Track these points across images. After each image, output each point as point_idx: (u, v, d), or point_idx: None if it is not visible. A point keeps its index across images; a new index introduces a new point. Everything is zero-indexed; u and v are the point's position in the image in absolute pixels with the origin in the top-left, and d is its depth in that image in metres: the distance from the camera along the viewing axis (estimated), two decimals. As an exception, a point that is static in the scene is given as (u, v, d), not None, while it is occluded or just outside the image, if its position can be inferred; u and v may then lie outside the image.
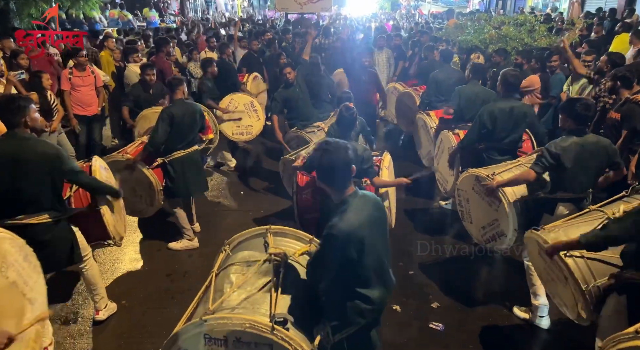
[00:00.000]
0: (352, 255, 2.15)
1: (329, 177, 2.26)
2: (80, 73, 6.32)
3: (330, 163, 2.19)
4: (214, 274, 2.62)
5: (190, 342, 2.16)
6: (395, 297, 3.98)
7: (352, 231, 2.14)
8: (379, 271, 2.33)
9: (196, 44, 10.35)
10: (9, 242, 2.61)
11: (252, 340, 2.11)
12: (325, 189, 2.33)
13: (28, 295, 2.62)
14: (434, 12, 23.20)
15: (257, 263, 2.49)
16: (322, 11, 14.98)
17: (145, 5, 19.02)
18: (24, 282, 2.62)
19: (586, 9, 14.29)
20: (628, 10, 12.10)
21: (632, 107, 4.23)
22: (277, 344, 2.09)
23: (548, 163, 3.39)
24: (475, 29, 8.87)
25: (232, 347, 2.14)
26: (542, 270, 3.12)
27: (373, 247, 2.24)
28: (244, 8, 29.87)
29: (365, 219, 2.21)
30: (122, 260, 4.72)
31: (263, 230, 2.78)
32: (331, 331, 2.29)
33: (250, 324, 2.09)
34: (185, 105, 4.67)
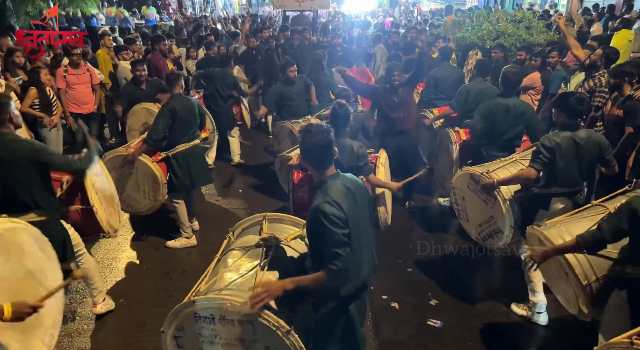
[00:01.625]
0: (340, 219, 2.27)
1: (310, 157, 2.41)
2: (75, 71, 6.30)
3: (312, 143, 2.35)
4: (216, 259, 2.82)
5: (184, 320, 2.40)
6: (393, 294, 3.99)
7: (334, 200, 2.28)
8: (361, 244, 2.44)
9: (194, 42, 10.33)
10: (24, 232, 2.68)
11: (234, 318, 2.31)
12: (308, 168, 2.50)
13: (45, 283, 2.69)
14: (433, 8, 23.16)
15: (251, 247, 2.71)
16: (320, 8, 14.94)
17: (143, 3, 18.96)
18: (41, 270, 2.70)
19: (584, 6, 14.26)
20: (627, 6, 12.08)
21: (635, 103, 4.22)
22: (255, 321, 2.27)
23: (546, 158, 3.38)
24: (473, 25, 8.85)
25: (219, 324, 2.35)
26: (543, 265, 3.12)
27: (353, 219, 2.35)
28: (242, 5, 29.81)
29: (345, 194, 2.35)
30: (120, 259, 4.71)
31: (261, 217, 3.02)
32: (312, 308, 2.43)
33: (230, 302, 2.30)
34: (184, 99, 4.71)
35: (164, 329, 2.45)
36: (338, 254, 2.23)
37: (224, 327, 2.34)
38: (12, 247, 2.55)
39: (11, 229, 2.60)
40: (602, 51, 5.24)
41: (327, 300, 2.43)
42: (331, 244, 2.24)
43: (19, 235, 2.62)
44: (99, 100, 6.75)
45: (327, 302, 2.43)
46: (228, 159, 7.15)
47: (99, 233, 3.73)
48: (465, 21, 9.51)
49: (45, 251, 2.79)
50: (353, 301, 2.50)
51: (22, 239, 2.62)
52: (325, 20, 16.43)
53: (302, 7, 13.94)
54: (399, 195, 5.23)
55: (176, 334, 2.44)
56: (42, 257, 2.75)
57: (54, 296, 2.60)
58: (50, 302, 2.63)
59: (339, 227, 2.23)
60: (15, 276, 2.51)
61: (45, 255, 2.79)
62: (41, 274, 2.68)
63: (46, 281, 2.70)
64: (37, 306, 2.31)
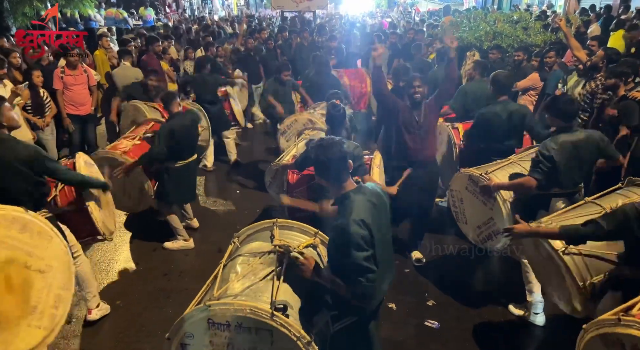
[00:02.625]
0: (368, 240, 2.17)
1: (325, 172, 2.31)
2: (72, 72, 6.27)
3: (326, 158, 2.24)
4: (222, 264, 2.71)
5: (195, 327, 2.28)
6: (391, 295, 3.98)
7: (358, 218, 2.17)
8: (385, 257, 2.35)
9: (193, 42, 10.34)
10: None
11: (252, 326, 2.21)
12: (324, 185, 2.39)
13: (35, 266, 2.58)
14: (431, 9, 23.19)
15: (262, 254, 2.60)
16: (318, 9, 14.97)
17: (141, 4, 18.95)
18: (27, 253, 2.57)
19: (581, 6, 14.29)
20: (624, 7, 12.11)
21: (629, 103, 4.23)
22: (276, 329, 2.17)
23: (546, 168, 3.38)
24: (471, 26, 8.87)
25: (234, 331, 2.24)
26: (538, 264, 3.12)
27: (379, 234, 2.27)
28: (240, 6, 29.80)
29: (370, 210, 2.25)
30: (117, 260, 4.70)
31: (270, 224, 2.92)
32: (331, 320, 2.34)
33: (250, 309, 2.19)
34: (183, 117, 4.65)
35: (170, 336, 2.31)
36: (359, 281, 2.14)
37: (240, 335, 2.23)
38: None
39: None
40: (603, 53, 5.23)
41: (347, 314, 2.33)
42: (354, 268, 2.15)
43: None
44: (96, 101, 6.74)
45: (347, 315, 2.33)
46: (225, 160, 7.15)
47: (94, 235, 3.69)
48: (463, 22, 9.53)
49: (31, 230, 2.63)
50: (373, 318, 2.43)
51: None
52: (322, 20, 16.45)
53: (299, 8, 13.96)
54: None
55: (184, 341, 2.31)
56: (26, 238, 2.58)
57: (55, 271, 2.54)
58: (48, 280, 2.56)
59: (364, 250, 2.14)
60: None
61: (32, 236, 2.62)
62: (27, 257, 2.54)
63: (39, 262, 2.58)
64: None
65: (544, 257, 2.96)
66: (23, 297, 2.43)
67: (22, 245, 2.57)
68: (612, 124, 4.46)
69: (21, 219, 2.62)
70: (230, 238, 2.96)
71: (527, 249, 3.25)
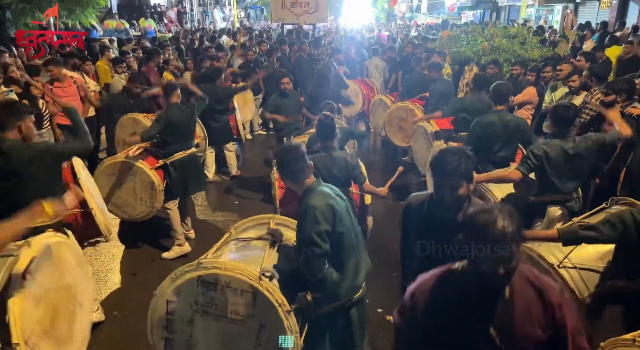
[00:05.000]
0: (330, 220, 2.40)
1: (288, 171, 2.55)
2: (61, 84, 6.27)
3: (287, 158, 2.52)
4: (216, 247, 2.82)
5: (183, 284, 2.35)
6: (389, 307, 3.97)
7: (325, 201, 2.43)
8: (353, 244, 2.56)
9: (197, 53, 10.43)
10: (66, 246, 2.76)
11: (239, 287, 2.30)
12: (289, 185, 2.63)
13: (79, 298, 2.75)
14: (429, 23, 23.45)
15: (257, 238, 2.76)
16: (318, 21, 15.11)
17: (141, 15, 19.13)
18: (76, 285, 2.76)
19: (578, 22, 14.50)
20: (619, 23, 12.28)
21: (626, 119, 4.27)
22: (261, 293, 2.27)
23: (533, 164, 3.46)
24: (469, 40, 8.98)
25: (220, 291, 2.32)
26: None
27: (343, 222, 2.48)
28: (241, 19, 30.09)
29: (331, 194, 2.50)
30: (114, 271, 4.70)
31: (267, 219, 3.05)
32: (313, 302, 2.46)
33: (240, 270, 2.29)
34: (181, 108, 4.79)
35: (157, 292, 2.40)
36: (305, 252, 2.35)
37: (224, 296, 2.31)
38: (58, 260, 2.63)
39: (58, 243, 2.68)
40: (588, 72, 5.27)
41: (328, 300, 2.49)
42: (304, 241, 2.36)
43: (64, 250, 2.69)
44: (87, 111, 6.75)
45: (327, 301, 2.49)
46: (225, 172, 7.17)
47: (95, 237, 3.74)
48: (461, 36, 9.65)
49: (82, 268, 2.86)
50: (355, 306, 2.57)
51: (64, 253, 2.69)
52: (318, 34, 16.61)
53: (300, 21, 14.09)
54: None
55: (170, 298, 2.38)
56: (80, 273, 2.81)
57: (85, 311, 2.71)
58: (83, 317, 2.73)
59: (318, 224, 2.34)
60: (57, 287, 2.56)
61: (82, 272, 2.85)
62: (76, 289, 2.73)
63: (81, 297, 2.75)
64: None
65: None
66: (69, 323, 2.59)
67: (77, 277, 2.77)
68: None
69: (80, 255, 2.86)
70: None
71: None
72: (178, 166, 4.76)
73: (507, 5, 23.35)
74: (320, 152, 3.71)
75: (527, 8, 21.01)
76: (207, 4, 29.63)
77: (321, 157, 3.63)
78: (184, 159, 4.81)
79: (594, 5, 16.14)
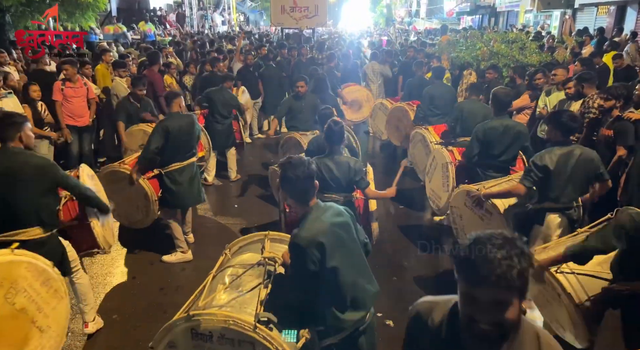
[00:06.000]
0: (315, 259, 2.24)
1: (292, 190, 2.36)
2: (73, 84, 6.35)
3: (294, 175, 2.29)
4: (211, 275, 2.71)
5: (178, 336, 2.28)
6: (388, 312, 3.97)
7: (312, 238, 2.24)
8: (355, 271, 2.40)
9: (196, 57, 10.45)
10: (25, 266, 2.55)
11: (235, 337, 2.20)
12: (290, 203, 2.46)
13: (39, 322, 2.54)
14: (428, 28, 23.54)
15: (251, 266, 2.61)
16: (317, 26, 15.16)
17: (141, 19, 19.16)
18: (37, 308, 2.55)
19: (577, 28, 14.57)
20: (617, 29, 12.35)
21: (625, 124, 4.30)
22: (258, 342, 2.17)
23: (537, 177, 3.44)
24: (468, 45, 9.02)
25: (216, 343, 2.23)
26: (536, 293, 3.11)
27: (343, 250, 2.33)
28: (240, 23, 30.16)
29: (325, 226, 2.30)
30: (114, 274, 4.68)
31: (262, 236, 2.93)
32: (317, 336, 2.34)
33: (233, 321, 2.18)
34: (181, 117, 4.69)
35: (152, 345, 2.33)
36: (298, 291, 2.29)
37: (222, 347, 2.23)
38: (7, 282, 2.43)
39: (8, 262, 2.48)
40: (576, 81, 5.27)
41: (334, 331, 2.35)
42: (295, 278, 2.30)
43: (17, 270, 2.49)
44: (94, 113, 6.79)
45: (333, 332, 2.35)
46: (225, 175, 7.17)
47: (93, 248, 3.70)
48: (460, 41, 9.69)
49: (49, 287, 2.65)
50: (363, 334, 2.42)
51: (19, 274, 2.48)
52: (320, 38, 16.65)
53: (299, 25, 14.14)
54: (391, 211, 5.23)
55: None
56: (43, 293, 2.60)
57: (51, 334, 2.51)
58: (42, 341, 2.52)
59: (304, 265, 2.24)
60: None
61: (49, 292, 2.64)
62: (37, 312, 2.53)
63: (43, 320, 2.55)
64: None
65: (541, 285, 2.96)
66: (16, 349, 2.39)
67: (39, 298, 2.57)
68: (608, 144, 4.53)
69: (47, 273, 2.65)
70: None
71: None
72: (174, 177, 4.66)
73: (506, 11, 23.47)
74: (323, 155, 3.72)
75: (526, 14, 21.11)
76: (207, 7, 29.70)
77: (325, 161, 3.64)
78: (180, 170, 4.69)
79: (592, 11, 16.22)
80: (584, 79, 5.19)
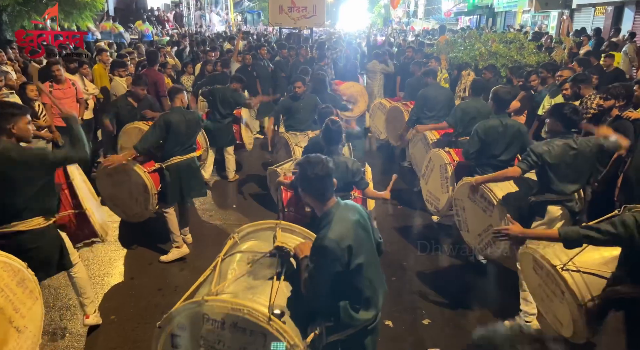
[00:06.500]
0: (343, 261, 2.23)
1: (311, 188, 2.35)
2: (61, 86, 6.29)
3: (312, 174, 2.28)
4: (220, 258, 2.68)
5: (189, 319, 2.25)
6: (388, 312, 3.97)
7: (340, 240, 2.21)
8: (373, 271, 2.38)
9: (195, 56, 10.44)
10: (1, 265, 2.54)
11: (247, 327, 2.18)
12: (309, 202, 2.42)
13: (16, 323, 2.53)
14: (426, 28, 23.56)
15: (263, 254, 2.58)
16: (315, 26, 15.15)
17: (138, 18, 19.11)
18: (14, 308, 2.54)
19: (574, 28, 14.61)
20: (614, 30, 12.38)
21: (624, 123, 4.31)
22: (271, 334, 2.15)
23: (533, 162, 3.48)
24: (466, 46, 9.03)
25: (227, 330, 2.21)
26: (536, 286, 3.13)
27: (364, 250, 2.32)
28: (238, 23, 30.14)
29: (351, 226, 2.30)
30: (112, 275, 4.66)
31: (273, 224, 2.89)
32: (325, 332, 2.33)
33: (248, 310, 2.16)
34: (182, 112, 4.73)
35: (161, 324, 2.31)
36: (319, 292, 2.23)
37: (233, 335, 2.20)
38: None
39: None
40: (571, 82, 5.26)
41: (342, 328, 2.35)
42: (319, 279, 2.23)
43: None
44: (83, 114, 6.74)
45: (343, 328, 2.35)
46: (224, 175, 7.15)
47: (91, 237, 3.71)
48: (458, 41, 9.70)
49: (25, 287, 2.64)
50: (370, 334, 2.42)
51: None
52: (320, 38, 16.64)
53: (297, 25, 14.13)
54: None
55: (175, 332, 2.29)
56: (19, 293, 2.59)
57: (28, 334, 2.48)
58: (19, 342, 2.50)
59: (330, 267, 2.21)
60: None
61: (25, 292, 2.63)
62: (13, 312, 2.52)
63: (20, 320, 2.54)
64: None
65: (542, 278, 2.96)
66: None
67: (15, 298, 2.55)
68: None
69: (22, 273, 2.64)
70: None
71: (525, 271, 3.26)
72: (174, 170, 4.70)
73: (503, 11, 23.49)
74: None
75: (523, 14, 21.14)
76: (205, 7, 29.66)
77: None
78: (181, 164, 4.74)
79: (589, 11, 16.25)
80: (580, 80, 5.20)
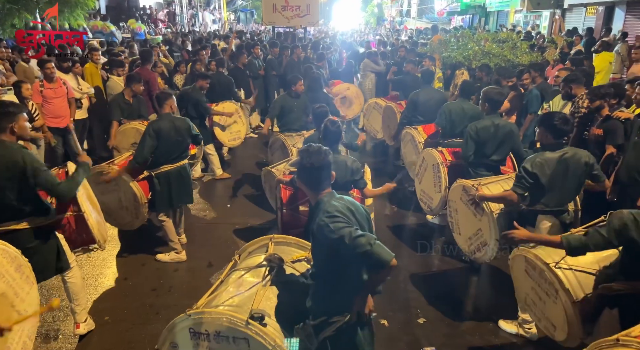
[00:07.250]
0: (350, 219, 2.21)
1: (306, 177, 2.37)
2: (52, 85, 6.22)
3: (310, 163, 2.31)
4: (220, 280, 2.78)
5: (178, 336, 2.33)
6: (382, 311, 3.98)
7: (339, 207, 2.23)
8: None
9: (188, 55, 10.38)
10: (0, 252, 2.59)
11: (230, 335, 2.25)
12: (303, 189, 2.44)
13: (17, 307, 2.59)
14: (419, 27, 23.62)
15: (254, 268, 2.67)
16: (309, 25, 15.13)
17: (130, 17, 18.99)
18: (15, 293, 2.60)
19: (566, 28, 14.70)
20: (605, 30, 12.48)
21: (614, 123, 4.34)
22: (252, 338, 2.21)
23: (528, 183, 3.46)
24: (459, 45, 9.06)
25: (213, 341, 2.28)
26: (529, 290, 3.12)
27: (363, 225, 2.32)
28: (231, 22, 30.02)
29: (346, 209, 2.29)
30: (105, 275, 4.63)
31: (267, 240, 2.99)
32: (314, 331, 2.32)
33: (227, 318, 2.23)
34: (172, 119, 4.63)
35: (158, 347, 2.39)
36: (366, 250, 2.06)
37: (219, 345, 2.27)
38: None
39: None
40: (564, 83, 5.29)
41: (331, 323, 2.31)
42: (353, 244, 2.08)
43: None
44: (74, 113, 6.70)
45: (331, 324, 2.31)
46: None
47: (89, 243, 3.67)
48: (451, 41, 9.73)
49: (22, 272, 2.69)
50: (360, 328, 2.39)
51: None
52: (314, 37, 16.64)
53: (291, 24, 14.11)
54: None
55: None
56: (18, 279, 2.65)
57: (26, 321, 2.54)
58: (22, 325, 2.56)
59: (348, 226, 2.13)
60: None
61: (22, 278, 2.68)
62: (14, 297, 2.58)
63: (20, 304, 2.60)
64: (3, 328, 2.23)
65: (535, 279, 2.97)
66: (3, 336, 2.41)
67: (14, 283, 2.62)
68: (598, 143, 4.57)
69: (19, 259, 2.71)
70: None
71: (517, 274, 3.23)
72: (163, 179, 4.60)
73: (496, 11, 23.60)
74: None
75: (515, 14, 21.25)
76: (197, 6, 29.52)
77: None
78: (171, 172, 4.63)
79: (581, 11, 16.36)
80: (571, 80, 5.23)
